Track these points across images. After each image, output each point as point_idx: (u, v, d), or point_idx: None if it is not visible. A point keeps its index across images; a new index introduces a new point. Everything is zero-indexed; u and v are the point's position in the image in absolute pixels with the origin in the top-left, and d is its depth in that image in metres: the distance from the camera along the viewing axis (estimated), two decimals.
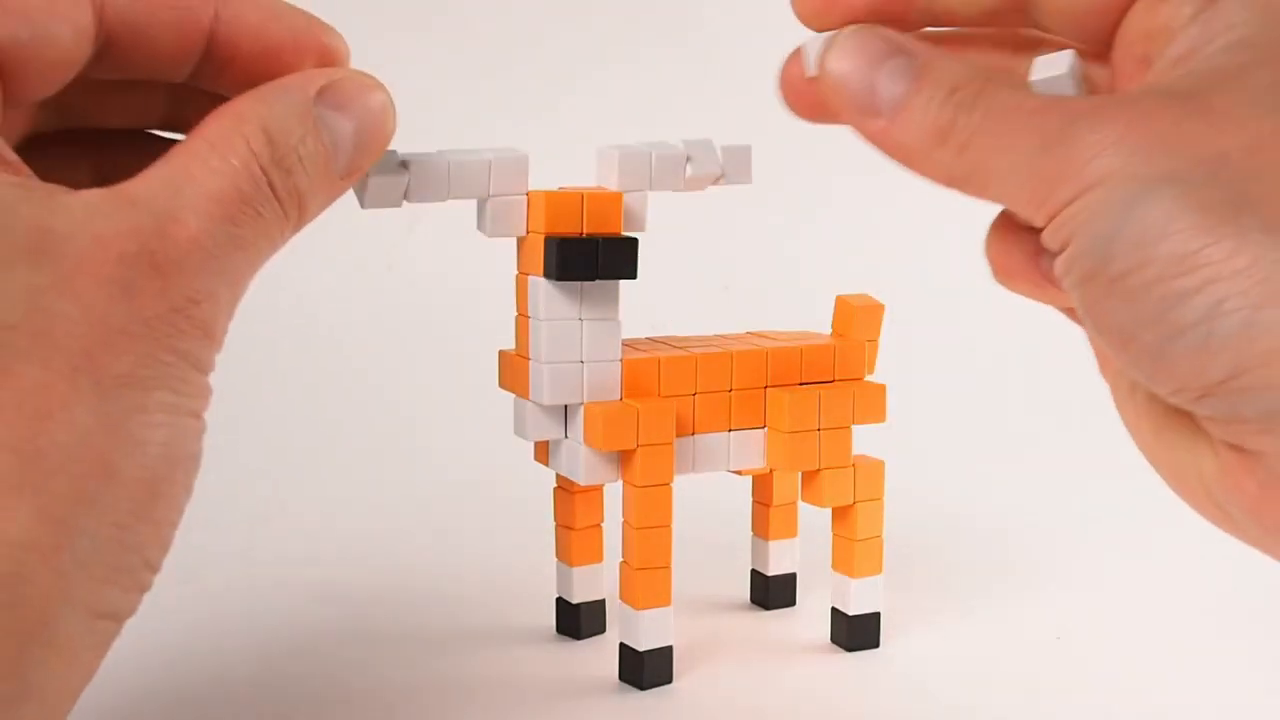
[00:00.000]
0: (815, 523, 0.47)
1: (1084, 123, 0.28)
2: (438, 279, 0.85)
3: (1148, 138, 0.27)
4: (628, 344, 0.42)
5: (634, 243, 0.39)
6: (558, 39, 0.94)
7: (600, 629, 0.45)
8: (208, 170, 0.28)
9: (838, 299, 0.46)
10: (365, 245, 0.85)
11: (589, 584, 0.45)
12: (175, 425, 0.27)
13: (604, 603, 0.45)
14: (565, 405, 0.41)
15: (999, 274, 0.34)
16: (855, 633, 0.44)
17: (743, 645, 0.45)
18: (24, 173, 0.28)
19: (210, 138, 0.29)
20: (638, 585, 0.41)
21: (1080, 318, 0.29)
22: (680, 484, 0.41)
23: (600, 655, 0.43)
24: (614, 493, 0.42)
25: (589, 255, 0.38)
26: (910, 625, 0.46)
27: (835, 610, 0.45)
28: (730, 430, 0.42)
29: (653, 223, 0.40)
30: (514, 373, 0.41)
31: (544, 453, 0.43)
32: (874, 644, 0.45)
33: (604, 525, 0.45)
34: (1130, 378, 0.30)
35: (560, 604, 0.46)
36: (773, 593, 0.48)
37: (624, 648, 0.42)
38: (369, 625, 0.46)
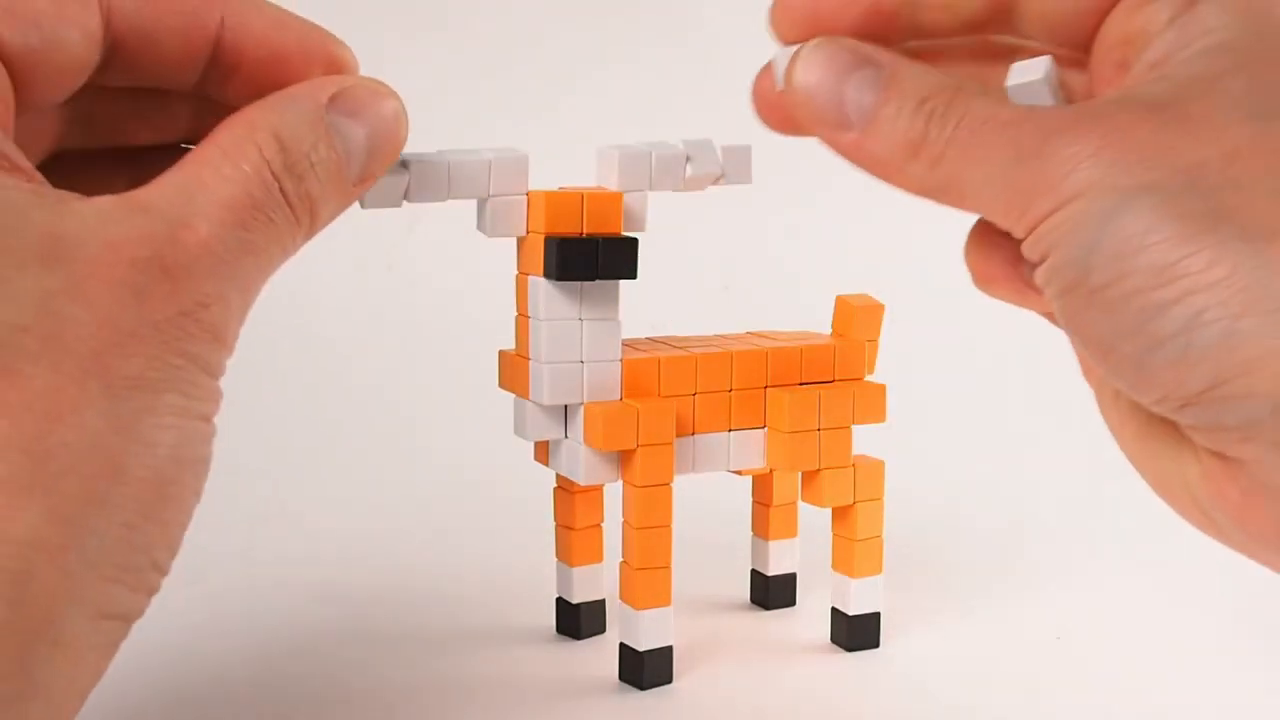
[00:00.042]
0: (815, 523, 0.47)
1: (1060, 135, 0.28)
2: (438, 279, 0.85)
3: (1125, 149, 0.27)
4: (628, 344, 0.42)
5: (634, 243, 0.39)
6: (558, 39, 0.94)
7: (600, 629, 0.45)
8: (219, 177, 0.28)
9: (838, 299, 0.46)
10: (365, 245, 0.85)
11: (589, 584, 0.45)
12: (184, 428, 0.27)
13: (604, 603, 0.45)
14: (565, 405, 0.41)
15: (979, 281, 0.34)
16: (855, 633, 0.44)
17: (743, 645, 0.45)
18: (37, 179, 0.28)
19: (222, 145, 0.29)
20: (638, 585, 0.41)
21: (1062, 326, 0.29)
22: (680, 484, 0.41)
23: (600, 655, 0.43)
24: (614, 493, 0.42)
25: (589, 255, 0.38)
26: (910, 625, 0.46)
27: (835, 610, 0.45)
28: (730, 430, 0.42)
29: (653, 223, 0.40)
30: (514, 373, 0.41)
31: (544, 453, 0.43)
32: (874, 644, 0.45)
33: (604, 525, 0.45)
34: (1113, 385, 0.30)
35: (560, 604, 0.46)
36: (773, 593, 0.48)
37: (624, 648, 0.42)
38: (369, 625, 0.46)
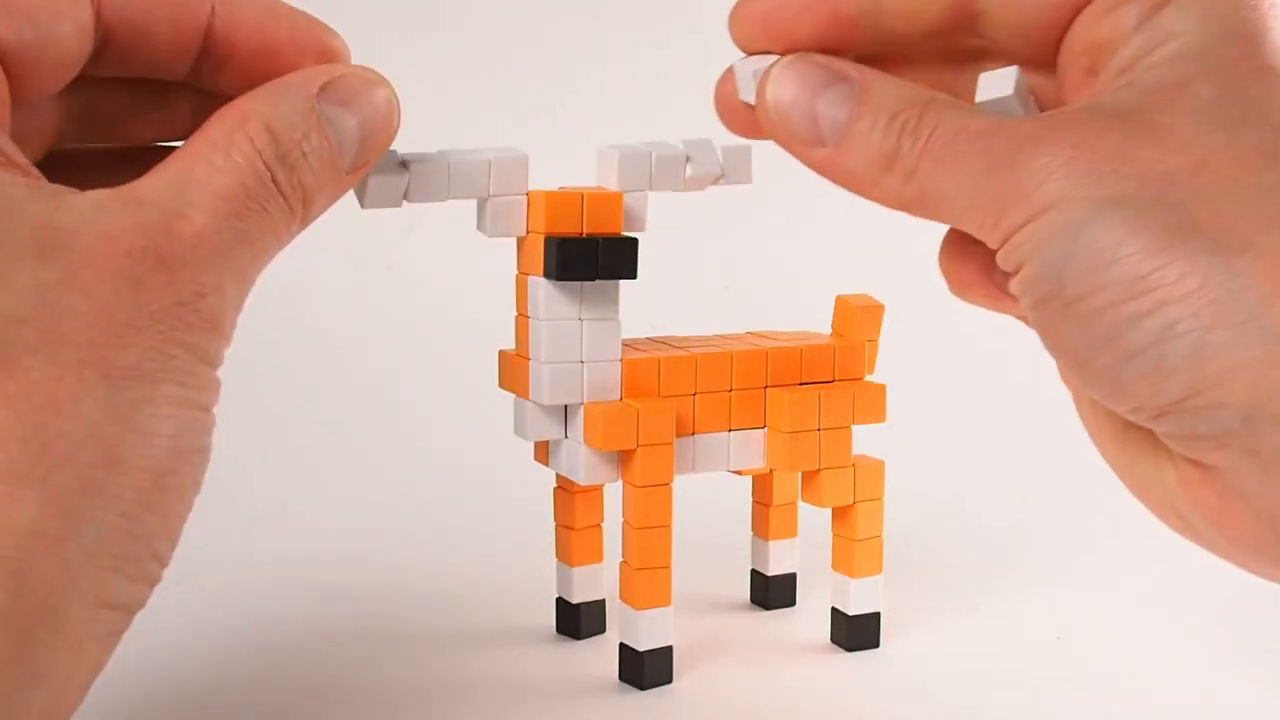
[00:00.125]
0: (815, 523, 0.47)
1: (1031, 146, 0.28)
2: (438, 279, 0.85)
3: (1095, 160, 0.27)
4: (628, 344, 0.42)
5: (634, 243, 0.39)
6: (558, 39, 0.94)
7: (600, 629, 0.45)
8: (212, 168, 0.29)
9: (838, 299, 0.46)
10: (365, 245, 0.85)
11: (589, 584, 0.45)
12: (183, 418, 0.27)
13: (604, 603, 0.45)
14: (565, 405, 0.41)
15: (954, 287, 0.34)
16: (855, 633, 0.44)
17: (743, 645, 0.45)
18: (33, 174, 0.28)
19: (214, 137, 0.29)
20: (638, 585, 0.41)
21: (1038, 335, 0.30)
22: (680, 484, 0.41)
23: (600, 655, 0.43)
24: (614, 493, 0.42)
25: (589, 255, 0.38)
26: (910, 625, 0.46)
27: (835, 610, 0.45)
28: (730, 430, 0.42)
29: (653, 223, 0.40)
30: (514, 373, 0.41)
31: (544, 453, 0.43)
32: (874, 644, 0.45)
33: (604, 525, 0.45)
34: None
35: (560, 604, 0.46)
36: (773, 593, 0.48)
37: (624, 648, 0.42)
38: (369, 625, 0.46)
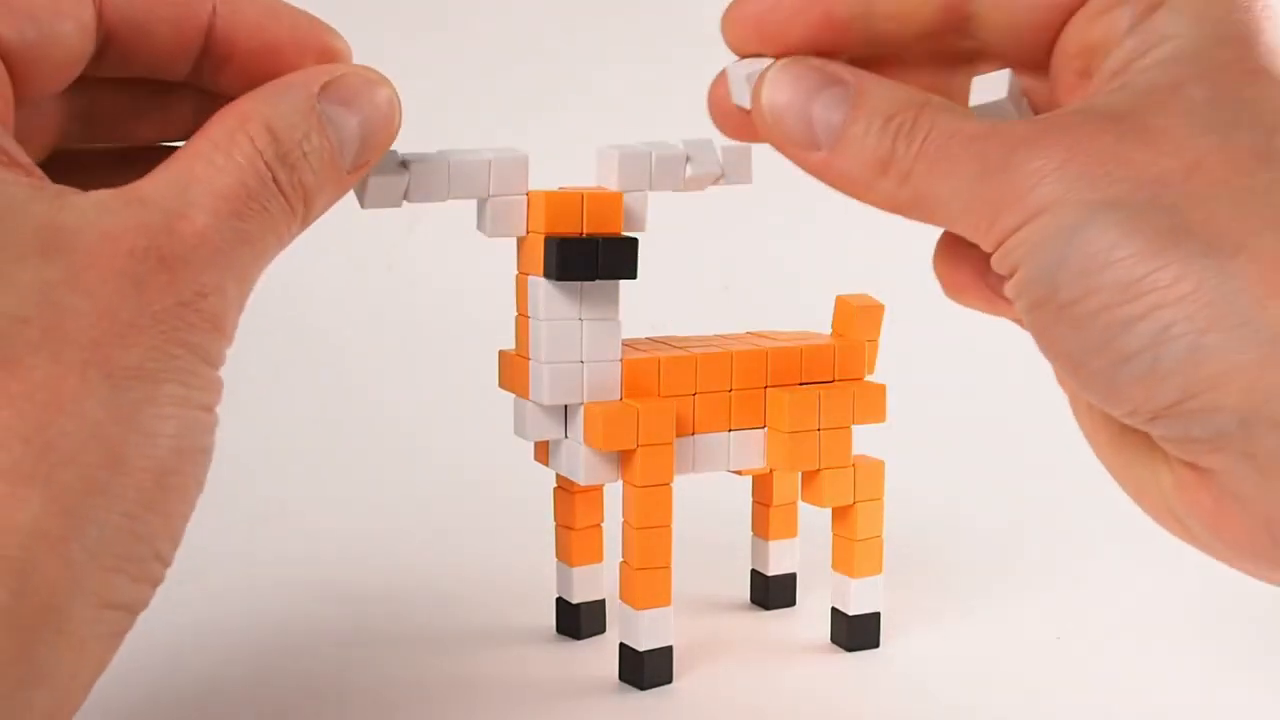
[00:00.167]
0: (815, 523, 0.47)
1: (1024, 149, 0.28)
2: (438, 279, 0.85)
3: (1088, 163, 0.27)
4: (628, 344, 0.42)
5: (634, 243, 0.39)
6: (558, 39, 0.93)
7: (600, 629, 0.45)
8: (213, 168, 0.29)
9: (838, 299, 0.46)
10: (365, 245, 0.85)
11: (589, 584, 0.45)
12: (185, 418, 0.27)
13: (604, 603, 0.45)
14: (565, 405, 0.41)
15: (948, 290, 0.34)
16: (855, 633, 0.44)
17: (743, 645, 0.45)
18: (36, 174, 0.28)
19: (214, 137, 0.29)
20: (638, 585, 0.41)
21: (1033, 338, 0.30)
22: (680, 484, 0.41)
23: (600, 655, 0.43)
24: (614, 493, 0.42)
25: (589, 255, 0.38)
26: (910, 625, 0.46)
27: (835, 610, 0.45)
28: (730, 430, 0.42)
29: (653, 223, 0.40)
30: (514, 373, 0.41)
31: (544, 453, 0.43)
32: (874, 644, 0.45)
33: (604, 525, 0.45)
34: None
35: (560, 604, 0.46)
36: (773, 593, 0.48)
37: (624, 648, 0.42)
38: (369, 625, 0.46)
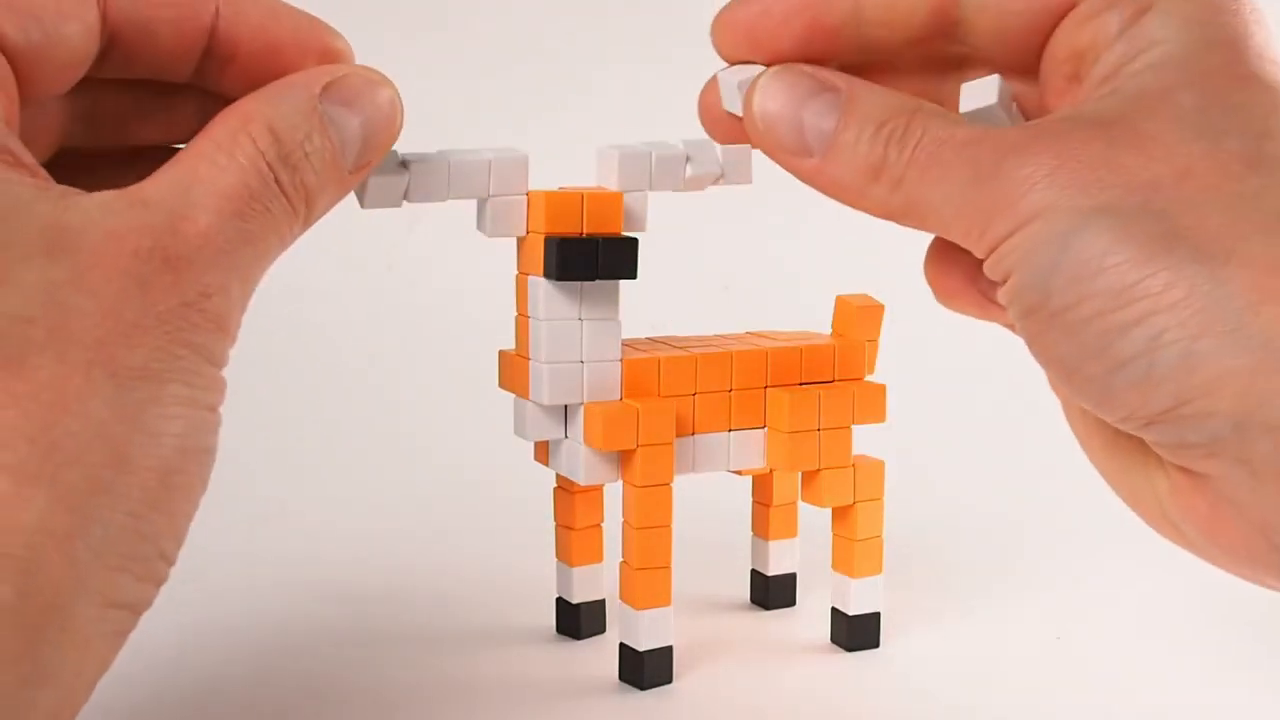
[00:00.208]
0: (815, 523, 0.47)
1: (1015, 155, 0.28)
2: (438, 279, 0.85)
3: (1079, 169, 0.28)
4: (628, 344, 0.42)
5: (634, 243, 0.39)
6: (558, 39, 0.93)
7: (600, 629, 0.45)
8: (216, 169, 0.29)
9: (838, 299, 0.46)
10: (365, 245, 0.85)
11: (589, 584, 0.45)
12: (190, 418, 0.27)
13: (604, 603, 0.45)
14: (565, 405, 0.41)
15: (940, 296, 0.34)
16: (855, 633, 0.44)
17: (743, 645, 0.45)
18: (40, 175, 0.28)
19: (217, 138, 0.29)
20: (638, 585, 0.41)
21: (1026, 345, 0.30)
22: (680, 484, 0.41)
23: (600, 655, 0.43)
24: (614, 493, 0.42)
25: (589, 255, 0.38)
26: (910, 625, 0.46)
27: (835, 610, 0.45)
28: (730, 430, 0.42)
29: (653, 223, 0.40)
30: (514, 373, 0.41)
31: (544, 453, 0.43)
32: (874, 644, 0.45)
33: (604, 525, 0.45)
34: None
35: (560, 604, 0.46)
36: (773, 593, 0.48)
37: (624, 648, 0.42)
38: (369, 625, 0.46)
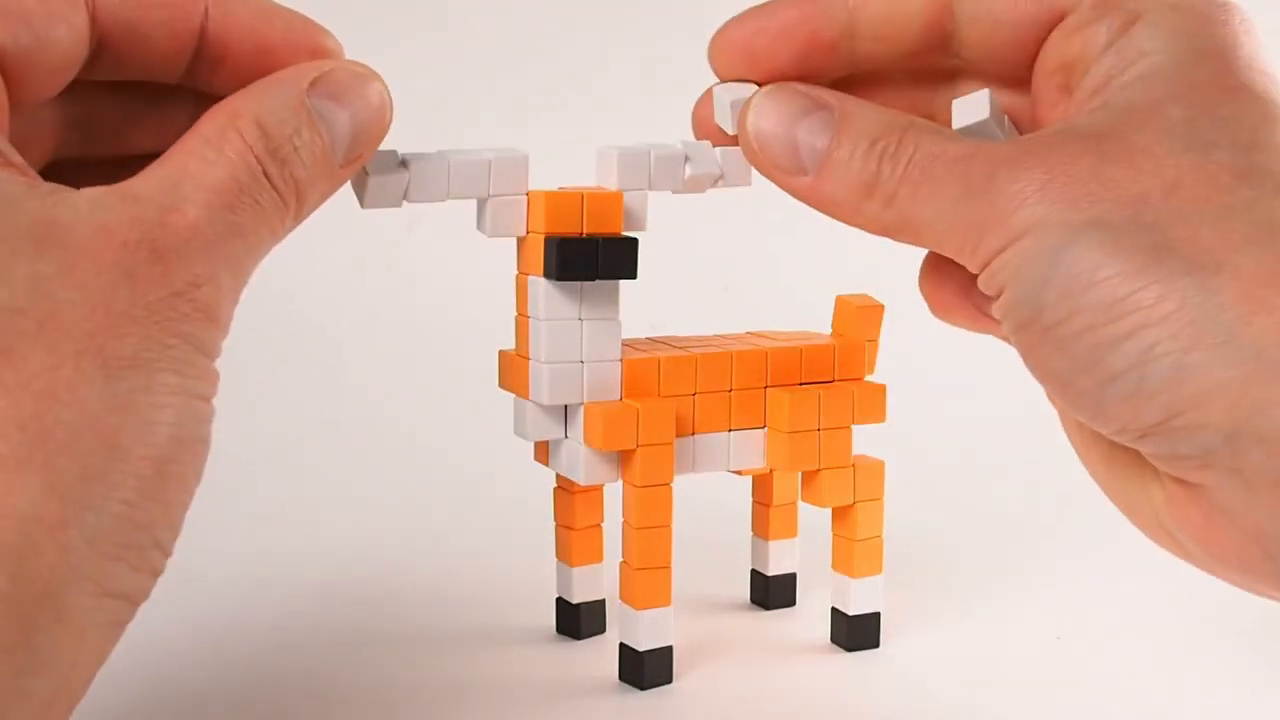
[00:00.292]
0: (815, 523, 0.47)
1: (1006, 170, 0.28)
2: (438, 279, 0.85)
3: (1070, 183, 0.28)
4: (628, 344, 0.42)
5: (634, 243, 0.39)
6: (558, 39, 0.93)
7: (600, 629, 0.45)
8: (205, 164, 0.29)
9: (838, 299, 0.46)
10: (365, 245, 0.85)
11: (589, 584, 0.45)
12: (183, 407, 0.27)
13: (604, 603, 0.45)
14: (565, 405, 0.41)
15: (934, 309, 0.35)
16: (855, 633, 0.44)
17: (743, 645, 0.45)
18: (29, 174, 0.28)
19: (205, 134, 0.29)
20: (638, 585, 0.41)
21: (1021, 358, 0.30)
22: (680, 484, 0.41)
23: (600, 655, 0.43)
24: (614, 493, 0.42)
25: (589, 255, 0.38)
26: (910, 625, 0.46)
27: (835, 610, 0.45)
28: (730, 430, 0.42)
29: (653, 223, 0.40)
30: (514, 373, 0.41)
31: (544, 453, 0.43)
32: (874, 644, 0.45)
33: (604, 525, 0.45)
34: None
35: (560, 604, 0.46)
36: (773, 593, 0.48)
37: (624, 648, 0.42)
38: (369, 625, 0.46)
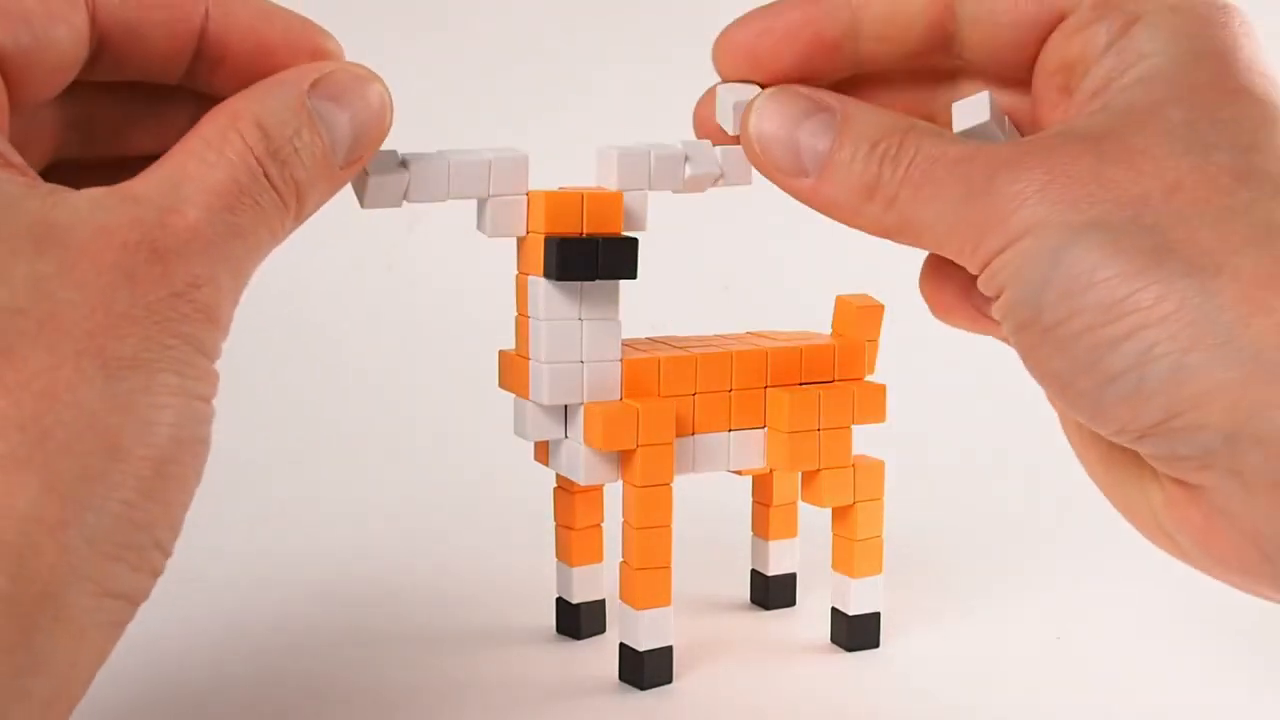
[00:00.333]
0: (815, 523, 0.47)
1: (1006, 171, 0.28)
2: (438, 279, 0.85)
3: (1070, 185, 0.28)
4: (628, 344, 0.42)
5: (634, 243, 0.39)
6: (558, 39, 0.93)
7: (600, 629, 0.45)
8: (205, 165, 0.29)
9: (838, 299, 0.46)
10: (365, 245, 0.85)
11: (589, 584, 0.45)
12: (182, 407, 0.27)
13: (604, 603, 0.45)
14: (565, 405, 0.41)
15: (936, 311, 0.35)
16: (855, 633, 0.44)
17: (743, 645, 0.45)
18: (29, 174, 0.28)
19: (206, 135, 0.30)
20: (638, 585, 0.41)
21: (1020, 359, 0.30)
22: (680, 484, 0.41)
23: (600, 655, 0.43)
24: (614, 493, 0.42)
25: (589, 255, 0.38)
26: (910, 625, 0.46)
27: (835, 610, 0.45)
28: (730, 430, 0.42)
29: (653, 223, 0.40)
30: (514, 373, 0.41)
31: (544, 453, 0.43)
32: (874, 644, 0.45)
33: (604, 525, 0.45)
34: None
35: (560, 604, 0.46)
36: (773, 593, 0.48)
37: (624, 648, 0.42)
38: (369, 625, 0.46)
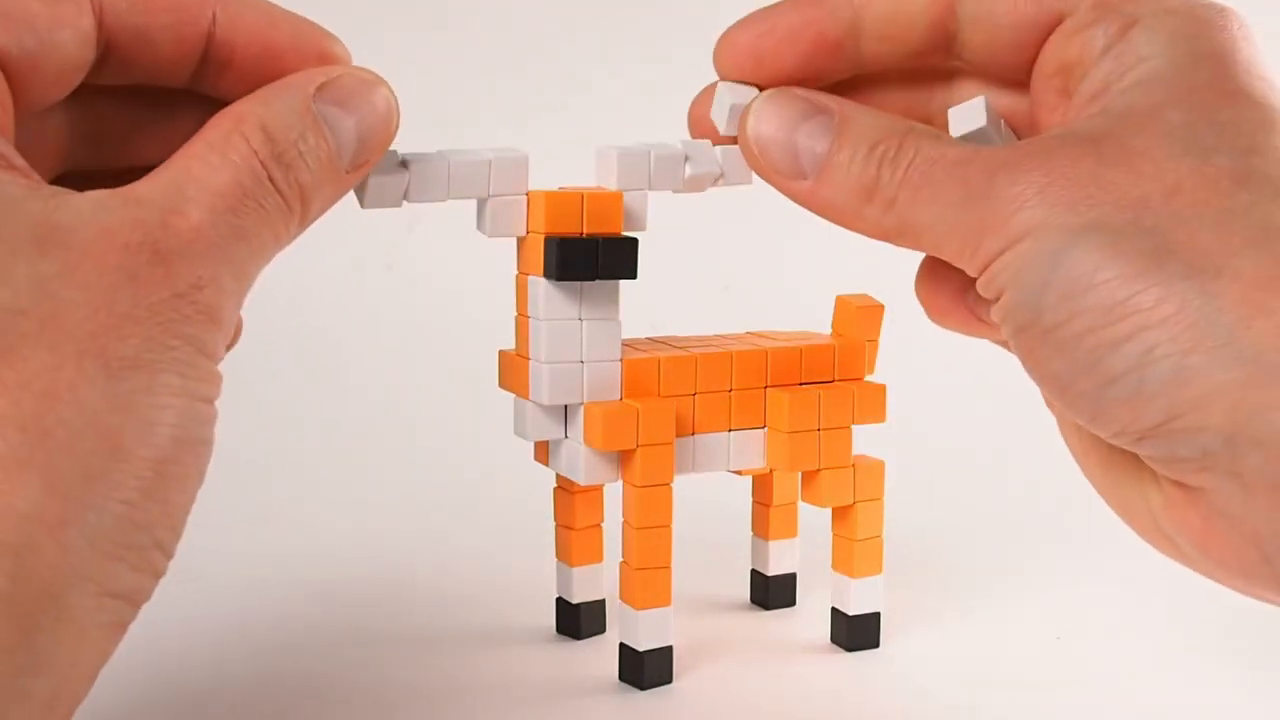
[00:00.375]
0: (815, 523, 0.47)
1: (1005, 174, 0.28)
2: (438, 279, 0.85)
3: (1069, 187, 0.28)
4: (628, 344, 0.42)
5: (634, 243, 0.39)
6: (558, 39, 0.93)
7: (600, 629, 0.45)
8: (209, 168, 0.29)
9: (838, 299, 0.46)
10: (365, 245, 0.85)
11: (589, 584, 0.45)
12: (184, 408, 0.27)
13: (604, 603, 0.45)
14: (565, 405, 0.41)
15: (932, 314, 0.35)
16: (855, 633, 0.44)
17: (743, 645, 0.45)
18: (32, 177, 0.28)
19: (210, 138, 0.30)
20: (638, 585, 0.41)
21: (1020, 362, 0.30)
22: (680, 484, 0.41)
23: (600, 655, 0.43)
24: (614, 493, 0.42)
25: (589, 255, 0.38)
26: (910, 625, 0.46)
27: (835, 610, 0.45)
28: (730, 430, 0.42)
29: (653, 223, 0.40)
30: (514, 373, 0.41)
31: (544, 453, 0.43)
32: (874, 644, 0.45)
33: (604, 525, 0.45)
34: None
35: (560, 604, 0.46)
36: (773, 593, 0.48)
37: (624, 648, 0.42)
38: (369, 625, 0.46)
